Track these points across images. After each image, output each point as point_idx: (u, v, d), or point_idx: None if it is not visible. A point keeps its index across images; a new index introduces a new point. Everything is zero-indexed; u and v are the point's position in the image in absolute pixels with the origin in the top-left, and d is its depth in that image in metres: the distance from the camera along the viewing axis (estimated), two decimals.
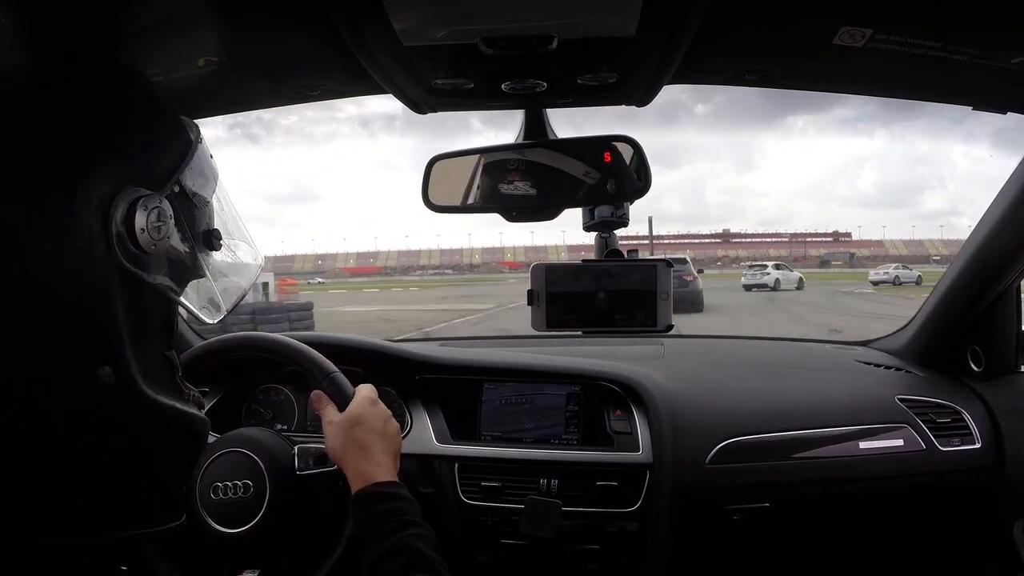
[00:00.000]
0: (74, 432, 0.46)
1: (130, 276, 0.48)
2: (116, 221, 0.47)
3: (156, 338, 0.53)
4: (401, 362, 1.24)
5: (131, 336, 0.48)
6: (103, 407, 0.47)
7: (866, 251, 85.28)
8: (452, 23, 0.63)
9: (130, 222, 0.47)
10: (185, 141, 0.55)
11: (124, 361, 0.48)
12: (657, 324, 0.90)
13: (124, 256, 0.47)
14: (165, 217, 0.50)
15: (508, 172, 0.91)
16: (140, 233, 0.48)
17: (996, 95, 0.84)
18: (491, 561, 1.14)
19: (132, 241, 0.47)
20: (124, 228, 0.47)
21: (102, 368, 0.46)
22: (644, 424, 1.17)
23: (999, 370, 1.31)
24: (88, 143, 0.47)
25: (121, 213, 0.47)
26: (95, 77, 0.50)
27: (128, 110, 0.52)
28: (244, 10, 0.65)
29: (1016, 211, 1.14)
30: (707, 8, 0.61)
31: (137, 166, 0.50)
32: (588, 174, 0.88)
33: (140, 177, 0.49)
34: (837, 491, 1.21)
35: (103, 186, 0.47)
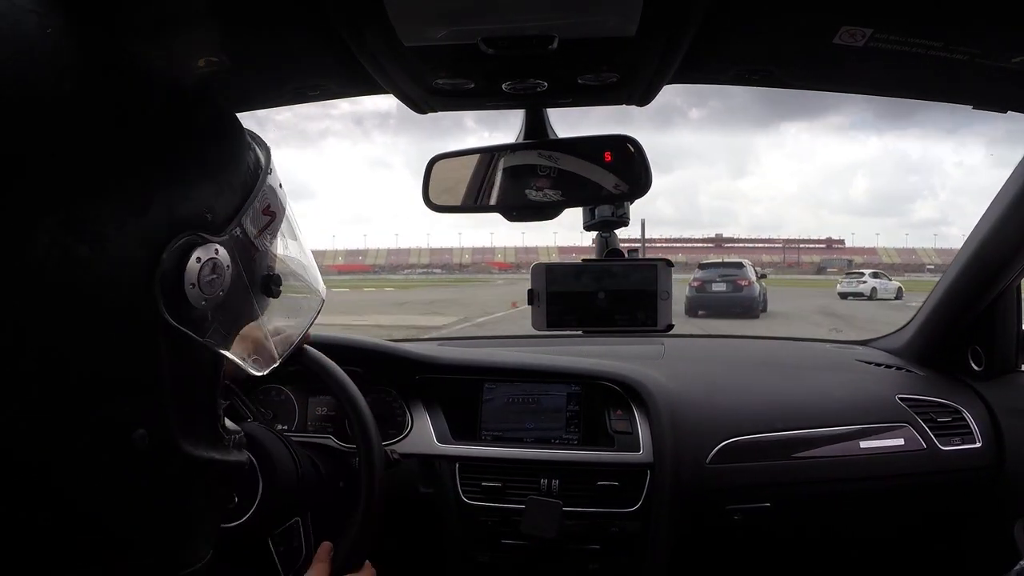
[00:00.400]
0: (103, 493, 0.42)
1: (175, 332, 0.42)
2: (163, 271, 0.41)
3: (201, 392, 0.48)
4: (401, 362, 1.24)
5: (173, 393, 0.43)
6: (136, 470, 0.43)
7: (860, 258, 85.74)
8: (452, 23, 0.63)
9: (179, 274, 0.41)
10: (252, 172, 0.48)
11: (163, 421, 0.43)
12: (657, 324, 0.90)
13: (170, 313, 0.41)
14: (221, 269, 0.44)
15: (509, 172, 0.91)
16: (190, 288, 0.42)
17: (996, 94, 0.84)
18: (492, 561, 1.14)
19: (180, 296, 0.42)
20: (171, 281, 0.41)
21: (137, 431, 0.41)
22: (645, 424, 1.17)
23: (999, 369, 1.32)
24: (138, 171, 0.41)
25: (171, 263, 0.41)
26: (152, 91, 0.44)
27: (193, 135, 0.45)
28: (244, 10, 0.65)
29: (1016, 211, 1.14)
30: (707, 8, 0.61)
31: (195, 205, 0.43)
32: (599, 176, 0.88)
33: (197, 219, 0.43)
34: (837, 490, 1.21)
35: (152, 229, 0.40)
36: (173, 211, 0.42)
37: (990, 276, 1.24)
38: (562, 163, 0.89)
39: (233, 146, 0.48)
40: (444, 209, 0.95)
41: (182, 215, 0.42)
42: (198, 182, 0.44)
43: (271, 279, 0.50)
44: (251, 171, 0.49)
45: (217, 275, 0.44)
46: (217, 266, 0.44)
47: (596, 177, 0.89)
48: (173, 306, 0.41)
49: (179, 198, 0.42)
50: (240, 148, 0.49)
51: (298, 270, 0.54)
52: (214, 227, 0.44)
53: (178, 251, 0.41)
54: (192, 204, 0.43)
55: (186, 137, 0.45)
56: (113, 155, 0.40)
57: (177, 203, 0.42)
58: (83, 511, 0.41)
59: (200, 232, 0.43)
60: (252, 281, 0.48)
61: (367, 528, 0.86)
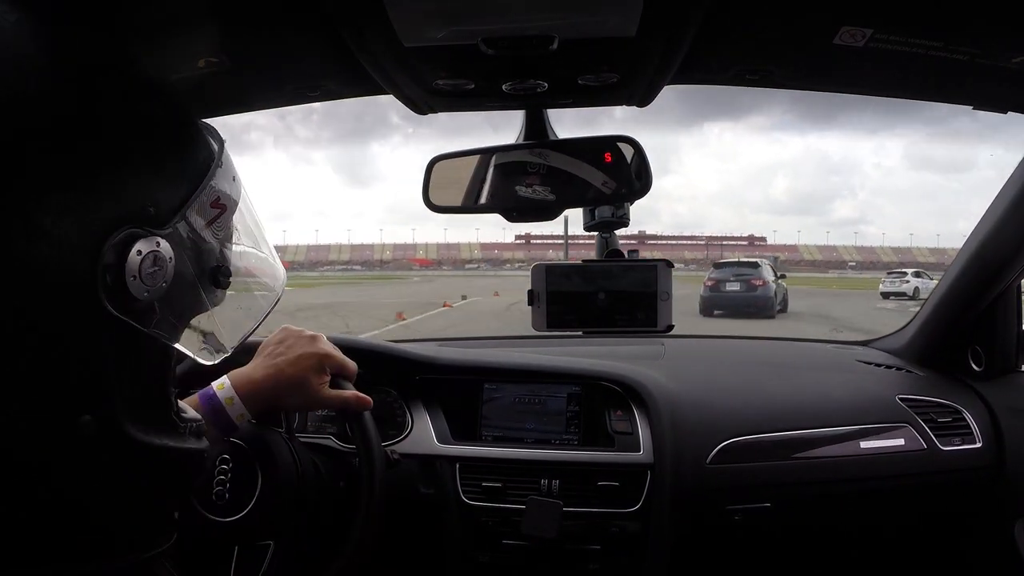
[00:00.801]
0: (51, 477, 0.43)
1: (119, 323, 0.43)
2: (104, 264, 0.41)
3: (151, 380, 0.48)
4: (401, 362, 1.24)
5: (121, 381, 0.44)
6: (84, 456, 0.44)
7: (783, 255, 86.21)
8: (453, 23, 0.63)
9: (120, 267, 0.42)
10: (203, 164, 0.48)
11: (110, 408, 0.44)
12: (657, 324, 0.90)
13: (112, 304, 0.42)
14: (163, 261, 0.44)
15: (509, 173, 0.91)
16: (131, 280, 0.42)
17: (996, 95, 0.84)
18: (492, 561, 1.14)
19: (122, 287, 0.42)
20: (113, 273, 0.42)
21: (83, 417, 0.42)
22: (645, 424, 1.17)
23: (1000, 369, 1.32)
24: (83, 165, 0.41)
25: (112, 256, 0.41)
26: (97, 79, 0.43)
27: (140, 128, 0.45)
28: (244, 10, 0.65)
29: (1016, 211, 1.14)
30: (708, 8, 0.61)
31: (138, 198, 0.44)
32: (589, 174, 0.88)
33: (139, 212, 0.43)
34: (838, 491, 1.21)
35: (94, 222, 0.41)
36: (115, 204, 0.42)
37: (990, 276, 1.24)
38: (562, 164, 0.89)
39: (181, 138, 0.48)
40: (444, 210, 0.95)
41: (124, 208, 0.43)
42: (142, 175, 0.44)
43: (219, 271, 0.50)
44: (201, 163, 0.48)
45: (159, 267, 0.44)
46: (159, 259, 0.44)
47: (596, 178, 0.89)
48: (115, 297, 0.42)
49: (121, 191, 0.43)
50: (190, 140, 0.49)
51: (253, 261, 0.55)
52: (157, 220, 0.44)
53: (119, 244, 0.42)
54: (135, 197, 0.44)
55: (132, 130, 0.45)
56: (56, 148, 0.40)
57: (120, 196, 0.43)
58: (29, 494, 0.43)
59: (142, 225, 0.43)
60: (200, 273, 0.48)
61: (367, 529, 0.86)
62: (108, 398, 0.44)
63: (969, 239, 1.26)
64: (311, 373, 0.84)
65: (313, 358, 0.85)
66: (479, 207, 0.94)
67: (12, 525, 0.42)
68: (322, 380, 0.87)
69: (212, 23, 0.66)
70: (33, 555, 0.44)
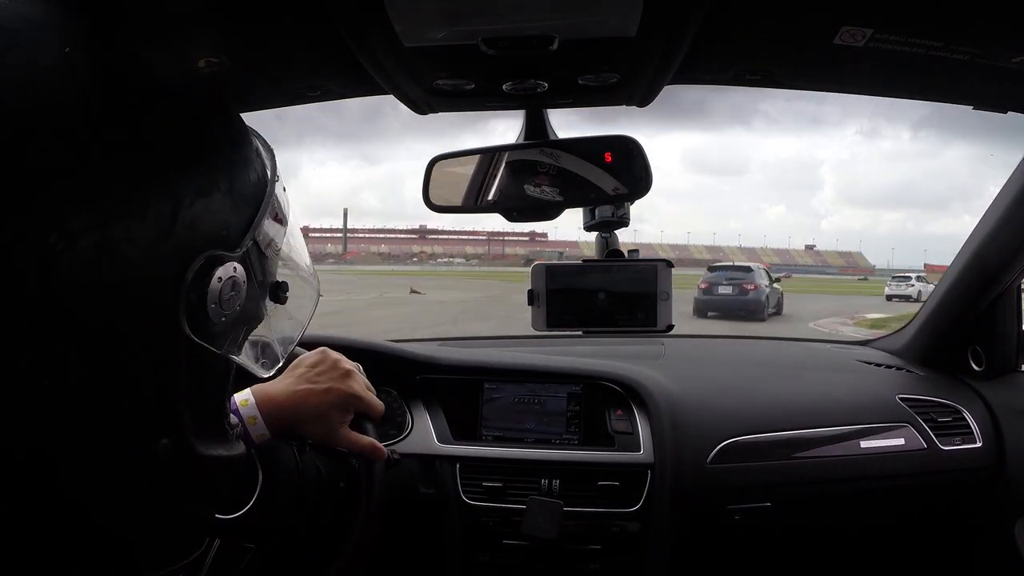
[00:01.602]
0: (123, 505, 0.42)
1: (195, 347, 0.42)
2: (187, 291, 0.40)
3: (214, 396, 0.48)
4: (401, 362, 1.24)
5: (191, 401, 0.44)
6: (158, 479, 0.43)
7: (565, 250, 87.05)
8: (453, 23, 0.63)
9: (202, 294, 0.41)
10: (261, 180, 0.47)
11: (183, 430, 0.44)
12: (657, 324, 0.90)
13: (192, 330, 0.41)
14: (240, 286, 0.44)
15: (509, 172, 0.91)
16: (212, 307, 0.42)
17: (996, 95, 0.84)
18: (492, 561, 1.14)
19: (202, 314, 0.41)
20: (195, 300, 0.41)
21: (161, 441, 0.42)
22: (645, 424, 1.17)
23: (1000, 369, 1.32)
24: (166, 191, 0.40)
25: (193, 282, 0.41)
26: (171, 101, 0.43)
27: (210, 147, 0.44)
28: (244, 10, 0.65)
29: (1016, 210, 1.14)
30: (708, 8, 0.61)
31: (214, 222, 0.42)
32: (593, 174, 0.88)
33: (216, 237, 0.42)
34: (838, 490, 1.21)
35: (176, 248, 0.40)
36: (195, 229, 0.41)
37: (990, 276, 1.24)
38: (562, 164, 0.89)
39: (245, 154, 0.47)
40: (444, 209, 0.95)
41: (203, 233, 0.42)
42: (216, 197, 0.43)
43: (279, 286, 0.50)
44: (260, 179, 0.48)
45: (236, 292, 0.44)
46: (236, 284, 0.44)
47: (596, 177, 0.89)
48: (194, 323, 0.41)
49: (200, 215, 0.42)
50: (250, 156, 0.47)
51: (297, 271, 0.54)
52: (230, 243, 0.44)
53: (200, 271, 0.41)
54: (211, 221, 0.42)
55: (204, 149, 0.44)
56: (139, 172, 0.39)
57: (199, 221, 0.41)
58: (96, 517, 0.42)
59: (219, 250, 0.42)
60: (262, 290, 0.48)
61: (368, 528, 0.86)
62: (181, 419, 0.44)
63: (969, 239, 1.26)
64: (335, 410, 0.82)
65: (341, 395, 0.82)
66: (480, 207, 0.94)
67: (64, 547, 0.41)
68: (344, 419, 0.84)
69: (212, 23, 0.66)
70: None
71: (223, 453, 0.49)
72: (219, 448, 0.48)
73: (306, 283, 0.55)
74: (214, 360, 0.45)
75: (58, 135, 0.36)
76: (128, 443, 0.41)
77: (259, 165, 0.48)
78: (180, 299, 0.40)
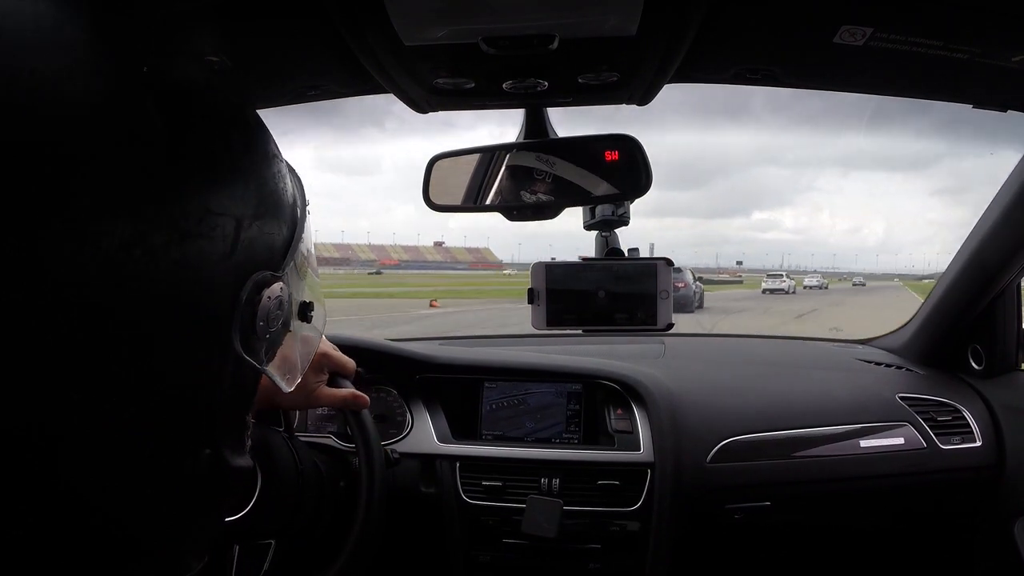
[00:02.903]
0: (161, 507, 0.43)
1: (241, 363, 0.43)
2: (241, 308, 0.41)
3: (243, 409, 0.50)
4: (401, 361, 1.25)
5: (226, 415, 0.46)
6: (195, 485, 0.44)
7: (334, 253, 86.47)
8: (453, 22, 0.63)
9: (253, 311, 0.42)
10: (293, 202, 0.48)
11: (220, 440, 0.45)
12: (657, 323, 0.90)
13: (242, 345, 0.42)
14: (284, 304, 0.46)
15: (509, 171, 0.91)
16: (260, 324, 0.43)
17: (996, 93, 0.84)
18: (492, 561, 1.14)
19: (251, 331, 0.43)
20: (247, 317, 0.42)
21: (204, 451, 0.43)
22: (645, 423, 1.17)
23: (1000, 368, 1.32)
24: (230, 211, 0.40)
25: (247, 300, 0.42)
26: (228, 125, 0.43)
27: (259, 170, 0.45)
28: (244, 10, 0.65)
29: (1015, 210, 1.14)
30: (708, 8, 0.61)
31: (265, 242, 0.44)
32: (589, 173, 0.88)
33: (265, 256, 0.44)
34: (838, 489, 1.21)
35: (235, 267, 0.41)
36: (251, 250, 0.42)
37: (990, 275, 1.24)
38: (562, 162, 0.89)
39: (285, 180, 0.48)
40: (444, 209, 0.95)
41: (256, 253, 0.43)
42: (267, 219, 0.44)
43: (307, 306, 0.51)
44: (294, 199, 0.49)
45: (280, 311, 0.45)
46: (282, 303, 0.45)
47: (596, 176, 0.89)
48: (244, 340, 0.42)
49: (256, 237, 0.43)
50: (285, 176, 0.48)
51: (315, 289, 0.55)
52: (276, 264, 0.45)
53: (252, 289, 0.42)
54: (263, 242, 0.44)
55: (259, 175, 0.45)
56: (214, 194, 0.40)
57: (255, 242, 0.43)
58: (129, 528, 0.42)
59: (268, 270, 0.44)
60: (294, 309, 0.49)
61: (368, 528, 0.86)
62: (218, 432, 0.45)
63: (969, 238, 1.26)
64: (308, 372, 0.83)
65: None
66: (480, 206, 0.94)
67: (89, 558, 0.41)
68: (319, 379, 0.87)
69: (212, 23, 0.66)
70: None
71: (244, 464, 0.50)
72: (241, 459, 0.49)
73: (320, 301, 0.56)
74: (250, 374, 0.47)
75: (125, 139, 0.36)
76: (175, 455, 0.42)
77: (291, 185, 0.49)
78: (235, 316, 0.41)
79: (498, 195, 0.92)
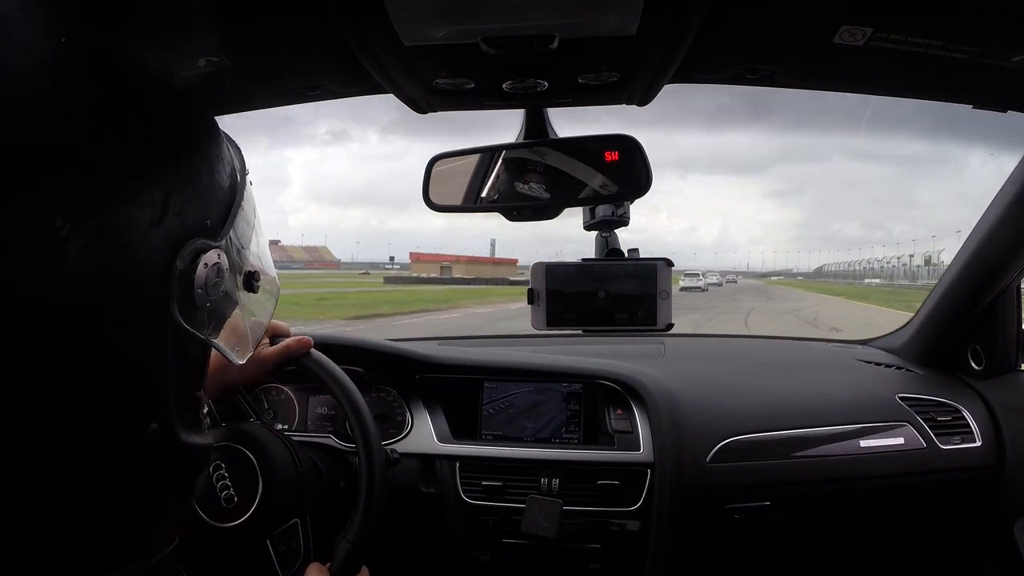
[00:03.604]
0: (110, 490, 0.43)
1: (182, 332, 0.44)
2: (176, 277, 0.42)
3: (192, 383, 0.50)
4: (401, 361, 1.25)
5: (175, 388, 0.46)
6: (146, 464, 0.45)
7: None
8: (453, 23, 0.63)
9: (190, 279, 0.43)
10: (233, 173, 0.50)
11: (168, 415, 0.45)
12: (657, 323, 0.90)
13: (181, 315, 0.43)
14: (223, 272, 0.46)
15: (509, 172, 0.91)
16: (198, 292, 0.44)
17: (996, 93, 0.84)
18: (492, 561, 1.14)
19: (190, 299, 0.43)
20: (183, 285, 0.43)
21: (151, 426, 0.44)
22: (645, 423, 1.17)
23: (999, 369, 1.32)
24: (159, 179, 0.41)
25: (183, 269, 0.42)
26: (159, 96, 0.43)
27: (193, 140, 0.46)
28: (244, 10, 0.65)
29: (1015, 211, 1.14)
30: (708, 8, 0.61)
31: (199, 211, 0.45)
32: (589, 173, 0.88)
33: (201, 225, 0.44)
34: (838, 489, 1.21)
35: (167, 235, 0.42)
36: (183, 217, 0.43)
37: (990, 276, 1.24)
38: (562, 163, 0.89)
39: (220, 148, 0.49)
40: (444, 209, 0.95)
41: (189, 221, 0.43)
42: (200, 188, 0.45)
43: (252, 276, 0.52)
44: (234, 171, 0.50)
45: (220, 278, 0.46)
46: (220, 270, 0.46)
47: (596, 176, 0.89)
48: (183, 308, 0.43)
49: (187, 205, 0.43)
50: (224, 149, 0.49)
51: (262, 260, 0.55)
52: (213, 232, 0.46)
53: (188, 257, 0.43)
54: (196, 211, 0.44)
55: (189, 142, 0.45)
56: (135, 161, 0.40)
57: (186, 209, 0.43)
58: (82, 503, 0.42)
59: (204, 238, 0.44)
60: (237, 278, 0.50)
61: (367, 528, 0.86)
62: (166, 404, 0.45)
63: (969, 238, 1.26)
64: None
65: None
66: (480, 206, 0.94)
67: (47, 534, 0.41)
68: (262, 344, 0.86)
69: (212, 23, 0.66)
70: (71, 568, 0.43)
71: (200, 441, 0.50)
72: (197, 436, 0.50)
73: (270, 276, 0.56)
74: (195, 346, 0.47)
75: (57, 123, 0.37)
76: (120, 427, 0.42)
77: (230, 158, 0.50)
78: (171, 285, 0.42)
79: (498, 195, 0.92)
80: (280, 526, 0.88)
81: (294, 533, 0.87)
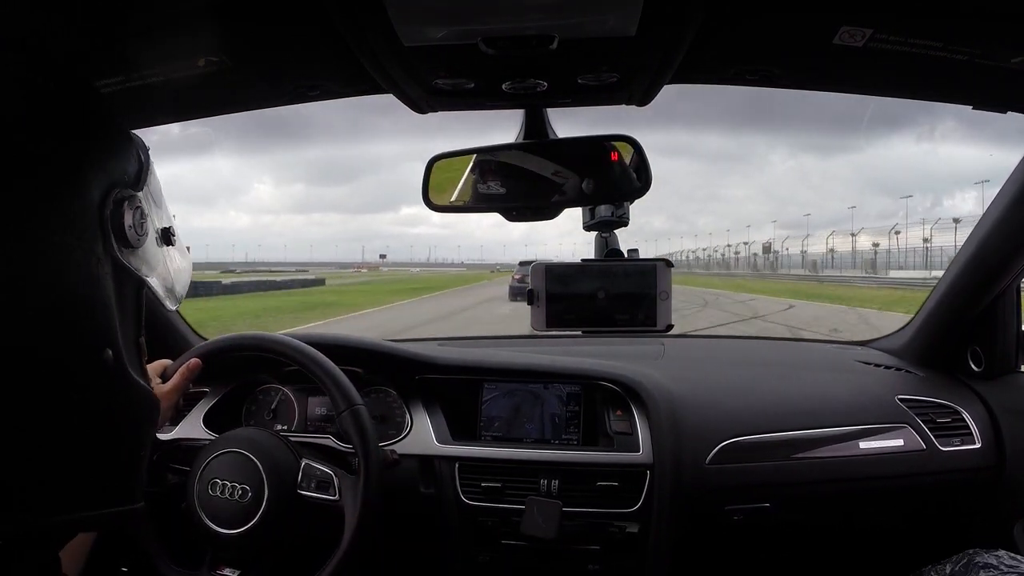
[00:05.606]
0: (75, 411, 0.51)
1: (120, 268, 0.54)
2: (111, 218, 0.52)
3: (132, 325, 0.59)
4: (401, 362, 1.24)
5: (120, 321, 0.54)
6: (103, 386, 0.53)
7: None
8: (453, 23, 0.63)
9: (120, 219, 0.53)
10: (142, 146, 0.61)
11: (118, 345, 0.53)
12: (657, 324, 0.90)
13: (118, 251, 0.53)
14: (146, 215, 0.57)
15: (508, 172, 0.91)
16: (128, 229, 0.54)
17: (996, 94, 0.84)
18: (491, 562, 1.14)
19: (121, 236, 0.53)
20: (116, 224, 0.53)
21: (106, 351, 0.52)
22: (644, 424, 1.17)
23: (999, 370, 1.31)
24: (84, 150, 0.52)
25: (113, 212, 0.53)
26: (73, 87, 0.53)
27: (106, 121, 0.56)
28: (244, 10, 0.65)
29: (1016, 211, 1.14)
30: (708, 8, 0.61)
31: (118, 169, 0.55)
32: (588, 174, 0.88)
33: (122, 178, 0.55)
34: (837, 491, 1.21)
35: (98, 187, 0.52)
36: (108, 175, 0.53)
37: (990, 276, 1.24)
38: (561, 163, 0.89)
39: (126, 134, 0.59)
40: (443, 209, 0.95)
41: (113, 177, 0.54)
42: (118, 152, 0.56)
43: (168, 230, 0.62)
44: (141, 145, 0.60)
45: (144, 219, 0.56)
46: (143, 213, 0.56)
47: (596, 177, 0.89)
48: (119, 242, 0.53)
49: (110, 165, 0.54)
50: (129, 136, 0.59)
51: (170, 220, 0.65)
52: (132, 183, 0.56)
53: (116, 202, 0.53)
54: (117, 169, 0.55)
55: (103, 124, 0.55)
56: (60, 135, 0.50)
57: (109, 169, 0.54)
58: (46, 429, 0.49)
59: (126, 187, 0.55)
60: (156, 232, 0.60)
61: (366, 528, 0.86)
62: (116, 335, 0.53)
63: (969, 239, 1.26)
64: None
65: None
66: (479, 207, 0.94)
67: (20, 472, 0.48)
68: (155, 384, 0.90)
69: (212, 23, 0.67)
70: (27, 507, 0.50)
71: (146, 385, 0.58)
72: (143, 379, 0.58)
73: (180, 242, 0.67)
74: (130, 287, 0.57)
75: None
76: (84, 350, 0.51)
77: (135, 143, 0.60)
78: (106, 222, 0.52)
79: (497, 195, 0.92)
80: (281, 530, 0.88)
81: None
